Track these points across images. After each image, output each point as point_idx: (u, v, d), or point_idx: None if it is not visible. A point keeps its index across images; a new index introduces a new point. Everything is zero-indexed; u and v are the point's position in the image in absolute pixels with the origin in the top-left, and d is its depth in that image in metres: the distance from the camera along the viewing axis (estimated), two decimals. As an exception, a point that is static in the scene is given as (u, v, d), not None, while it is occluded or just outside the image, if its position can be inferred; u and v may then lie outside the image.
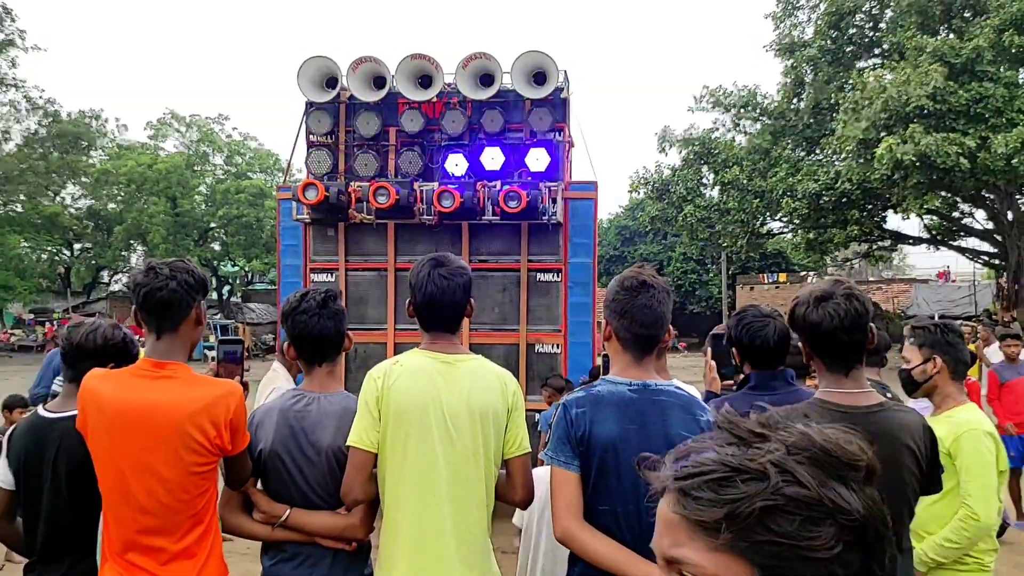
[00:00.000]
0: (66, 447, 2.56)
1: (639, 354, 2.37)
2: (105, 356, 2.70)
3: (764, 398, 2.84)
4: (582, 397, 2.34)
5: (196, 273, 2.48)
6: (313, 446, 2.56)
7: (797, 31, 22.69)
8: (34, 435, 2.64)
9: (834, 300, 2.25)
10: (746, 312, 3.01)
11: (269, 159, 42.07)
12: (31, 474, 2.62)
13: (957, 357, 3.12)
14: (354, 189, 6.54)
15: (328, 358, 2.69)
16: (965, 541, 2.94)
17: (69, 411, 2.59)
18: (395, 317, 6.75)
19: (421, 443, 2.44)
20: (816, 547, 0.76)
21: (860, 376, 2.32)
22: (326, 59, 6.74)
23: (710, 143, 22.78)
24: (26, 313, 40.51)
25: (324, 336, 2.66)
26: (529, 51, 6.47)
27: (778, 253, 38.31)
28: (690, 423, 2.30)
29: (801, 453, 0.80)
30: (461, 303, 2.56)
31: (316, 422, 2.59)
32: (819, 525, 0.76)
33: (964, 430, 2.97)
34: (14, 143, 33.09)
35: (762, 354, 2.90)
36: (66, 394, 2.71)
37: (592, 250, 6.87)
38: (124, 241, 38.82)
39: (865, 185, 18.86)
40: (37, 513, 2.64)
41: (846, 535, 0.77)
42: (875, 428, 2.23)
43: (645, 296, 2.33)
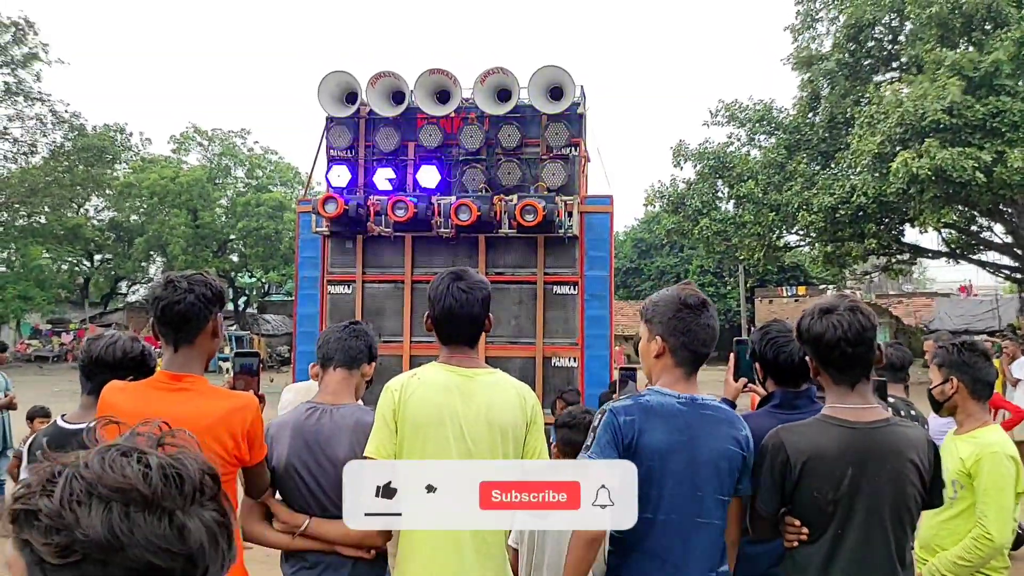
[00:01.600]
0: None
1: (691, 369, 2.46)
2: (123, 368, 2.75)
3: (787, 416, 2.85)
4: (631, 406, 2.39)
5: (214, 285, 2.53)
6: (329, 459, 2.62)
7: (816, 44, 22.69)
8: (54, 446, 2.69)
9: (837, 312, 2.31)
10: (771, 327, 3.01)
11: (289, 172, 42.46)
12: None
13: (976, 377, 3.13)
14: (373, 203, 6.64)
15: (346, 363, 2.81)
16: (977, 560, 2.96)
17: (88, 422, 2.65)
18: (411, 329, 6.81)
19: (437, 455, 2.47)
20: (49, 553, 0.87)
21: (866, 391, 2.36)
22: (346, 74, 6.84)
23: (725, 157, 22.76)
24: (43, 324, 40.91)
25: (338, 346, 2.82)
26: (546, 66, 6.54)
27: (796, 266, 38.15)
28: (734, 438, 2.39)
29: (84, 479, 0.91)
30: (479, 317, 2.60)
31: (330, 435, 2.65)
32: (56, 535, 0.87)
33: (986, 452, 3.00)
34: (40, 156, 33.54)
35: (786, 370, 2.89)
36: (85, 405, 2.78)
37: (608, 263, 6.92)
38: (144, 252, 39.27)
39: (881, 199, 18.79)
40: None
41: (87, 549, 0.87)
42: (880, 443, 2.27)
43: (706, 316, 2.44)
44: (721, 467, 2.34)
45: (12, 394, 7.37)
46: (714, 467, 2.33)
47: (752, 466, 2.46)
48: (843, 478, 2.27)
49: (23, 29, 30.82)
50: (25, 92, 31.98)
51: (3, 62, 31.25)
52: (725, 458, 2.35)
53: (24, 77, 31.79)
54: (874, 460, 2.26)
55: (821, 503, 2.31)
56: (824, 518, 2.32)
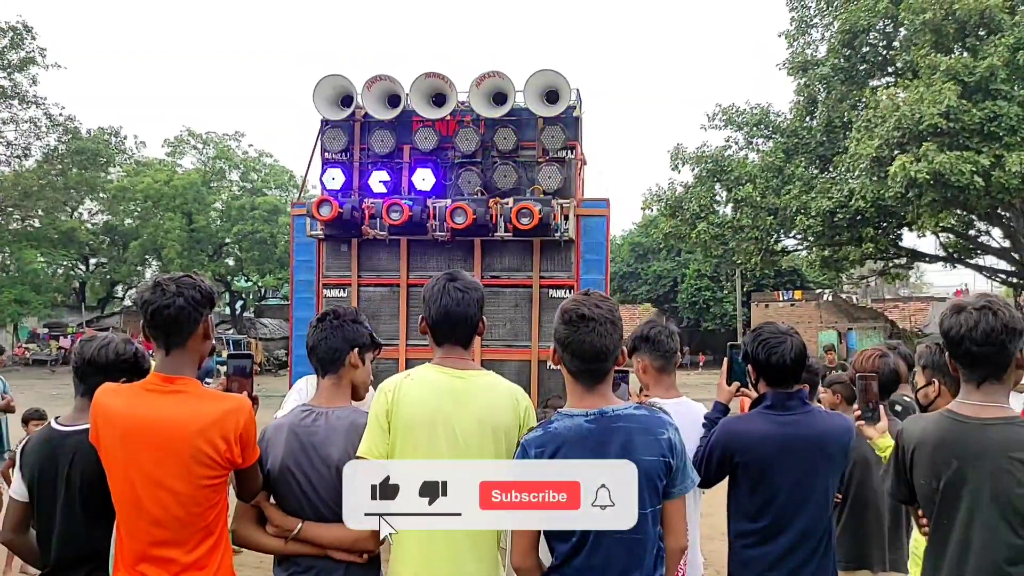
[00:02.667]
0: (79, 460, 2.60)
1: (590, 384, 2.38)
2: (116, 371, 2.74)
3: (779, 417, 2.85)
4: (540, 436, 2.35)
5: (203, 287, 2.52)
6: (323, 461, 2.60)
7: (810, 49, 22.73)
8: (48, 448, 2.68)
9: (967, 311, 2.31)
10: (763, 329, 3.03)
11: (284, 175, 42.44)
12: (45, 487, 2.66)
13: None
14: (368, 206, 6.60)
15: (328, 370, 2.76)
16: None
17: (82, 424, 2.62)
18: (407, 333, 6.79)
19: (429, 456, 2.46)
20: None
21: (994, 391, 2.33)
22: (341, 78, 6.82)
23: (723, 161, 22.79)
24: (40, 328, 40.86)
25: (313, 349, 2.77)
26: (542, 70, 6.53)
27: (793, 270, 38.20)
28: (652, 444, 2.31)
29: None
30: (474, 318, 2.61)
31: (325, 438, 2.63)
32: None
33: None
34: (34, 159, 33.51)
35: (778, 372, 2.91)
36: (78, 407, 2.75)
37: (604, 267, 6.90)
38: (139, 256, 39.22)
39: (879, 203, 18.82)
40: (51, 525, 2.66)
41: None
42: (988, 439, 2.25)
43: (585, 330, 2.33)
44: (640, 481, 2.27)
45: (9, 397, 7.33)
46: None
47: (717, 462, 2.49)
48: (946, 468, 2.28)
49: (20, 33, 30.79)
50: (20, 95, 31.93)
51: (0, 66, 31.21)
52: (642, 471, 2.27)
53: (20, 81, 31.76)
54: (979, 455, 2.25)
55: (926, 491, 2.35)
56: (931, 507, 2.35)
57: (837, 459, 2.89)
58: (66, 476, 2.61)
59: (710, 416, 3.10)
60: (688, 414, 3.14)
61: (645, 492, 2.28)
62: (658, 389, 3.30)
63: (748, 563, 2.85)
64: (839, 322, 34.62)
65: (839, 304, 37.74)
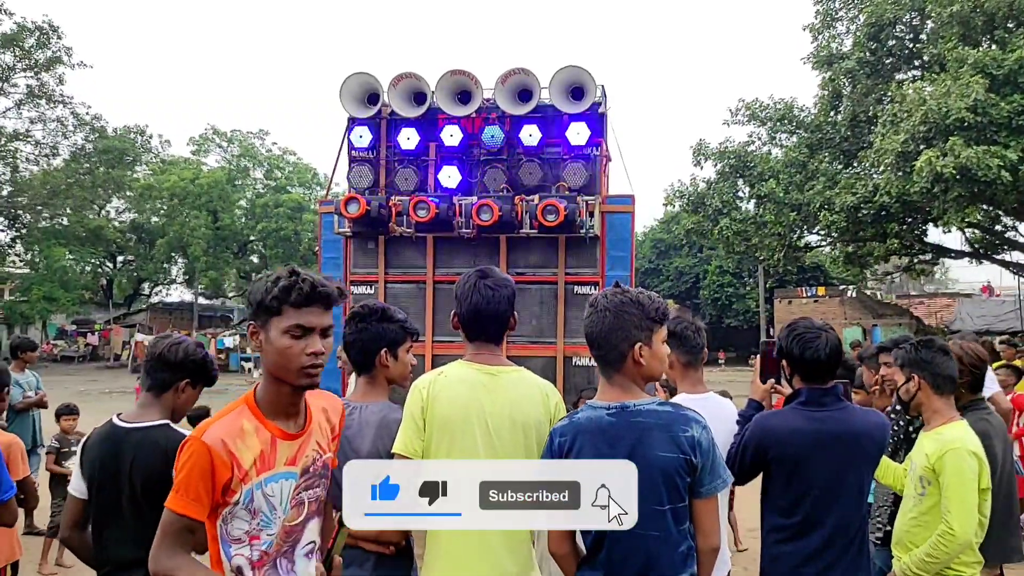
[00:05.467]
0: (142, 457, 2.65)
1: (606, 374, 2.42)
2: (183, 370, 2.82)
3: (814, 414, 2.84)
4: (565, 425, 2.39)
5: None
6: (355, 453, 2.68)
7: (836, 43, 22.50)
8: (109, 445, 2.73)
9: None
10: (798, 324, 3.04)
11: (308, 173, 42.69)
12: (106, 483, 2.70)
13: (936, 372, 3.18)
14: (395, 203, 6.66)
15: (359, 370, 2.82)
16: (943, 556, 3.00)
17: (145, 421, 2.71)
18: (433, 329, 6.83)
19: (464, 453, 2.51)
20: None
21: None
22: (368, 76, 6.87)
23: (746, 156, 22.63)
24: (68, 324, 41.36)
25: (346, 347, 2.86)
26: (567, 66, 6.54)
27: (817, 267, 37.90)
28: (670, 441, 2.30)
29: None
30: (505, 314, 2.65)
31: (357, 431, 2.73)
32: None
33: (948, 448, 3.04)
34: (62, 158, 33.91)
35: (813, 367, 2.91)
36: (143, 403, 2.82)
37: (629, 263, 6.90)
38: (166, 254, 39.62)
39: (904, 198, 18.59)
40: (110, 523, 2.70)
41: None
42: None
43: (590, 319, 2.48)
44: (655, 478, 2.27)
45: (42, 392, 7.44)
46: (646, 479, 2.25)
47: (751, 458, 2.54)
48: None
49: (47, 33, 31.16)
50: (48, 95, 32.32)
51: (27, 65, 31.61)
52: (657, 468, 2.27)
53: (47, 80, 32.15)
54: None
55: None
56: None
57: (872, 455, 2.89)
58: (129, 473, 2.66)
59: (744, 413, 3.11)
60: (714, 409, 3.14)
61: (662, 489, 2.28)
62: (685, 384, 3.31)
63: (780, 558, 2.86)
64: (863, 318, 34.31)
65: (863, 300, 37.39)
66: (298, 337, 2.05)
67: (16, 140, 32.95)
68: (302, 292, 2.07)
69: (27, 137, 33.13)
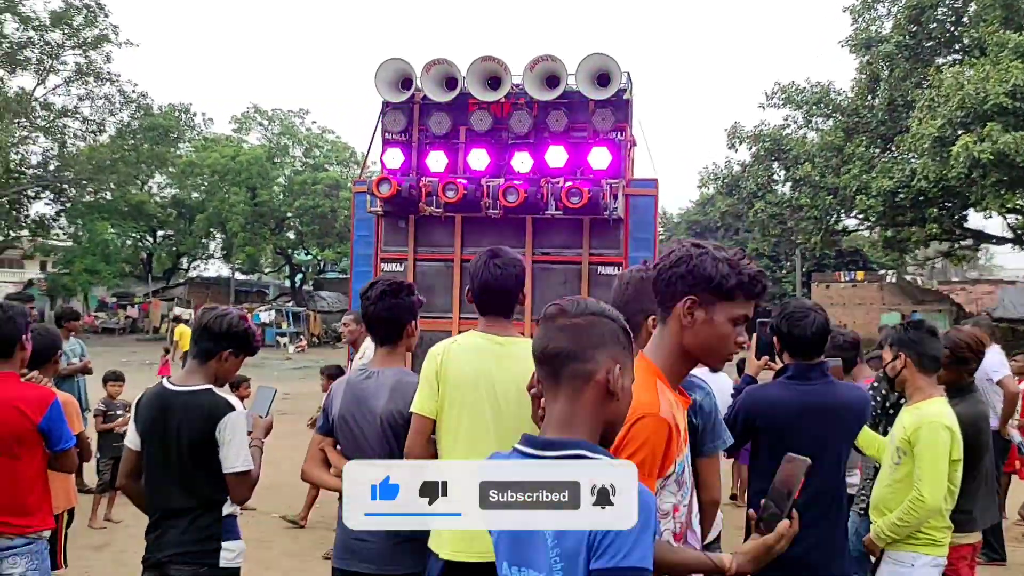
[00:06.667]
0: (187, 418, 2.94)
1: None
2: (226, 340, 3.07)
3: (799, 386, 3.08)
4: None
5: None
6: (371, 412, 2.97)
7: (875, 26, 22.24)
8: (159, 404, 3.02)
9: None
10: (789, 303, 3.30)
11: (345, 152, 43.05)
12: (156, 439, 2.99)
13: (921, 352, 3.37)
14: (425, 184, 6.87)
15: (384, 340, 3.10)
16: (913, 520, 3.21)
17: (191, 386, 2.99)
18: (460, 306, 7.05)
19: (473, 413, 2.78)
20: None
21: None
22: (402, 61, 7.07)
23: (781, 139, 22.53)
24: (109, 297, 42.35)
25: (377, 321, 3.08)
26: (593, 54, 6.69)
27: (856, 251, 37.52)
28: None
29: None
30: (511, 291, 2.90)
31: (373, 392, 3.01)
32: None
33: (924, 422, 3.23)
34: (108, 135, 34.63)
35: (800, 344, 3.13)
36: (189, 369, 3.10)
37: (652, 245, 7.05)
38: (204, 229, 40.34)
39: (943, 183, 18.44)
40: (160, 473, 3.00)
41: None
42: None
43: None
44: None
45: (87, 359, 7.83)
46: None
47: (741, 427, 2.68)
48: None
49: (94, 11, 31.80)
50: (95, 72, 33.01)
51: (75, 43, 32.30)
52: None
53: (95, 58, 32.84)
54: None
55: None
56: None
57: (852, 427, 3.12)
58: (176, 431, 2.95)
59: (738, 386, 3.33)
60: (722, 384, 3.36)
61: None
62: None
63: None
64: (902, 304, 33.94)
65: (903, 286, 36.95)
66: (736, 326, 2.05)
67: (64, 116, 33.74)
68: (758, 286, 2.08)
69: (75, 114, 33.90)
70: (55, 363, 4.10)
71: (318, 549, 6.45)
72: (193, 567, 2.89)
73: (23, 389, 3.26)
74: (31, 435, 3.18)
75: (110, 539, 6.77)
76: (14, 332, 3.23)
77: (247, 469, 2.93)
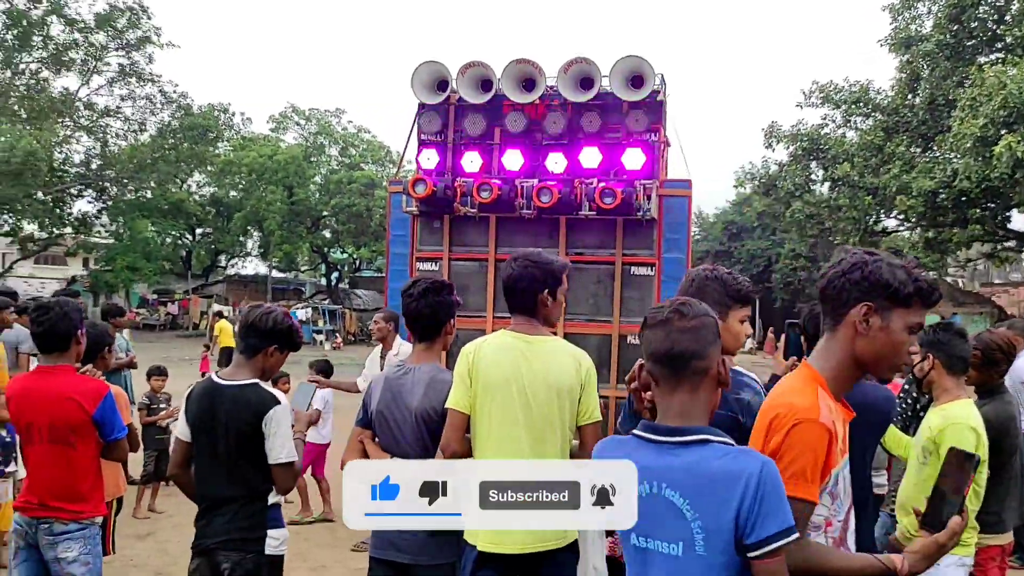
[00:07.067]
0: (234, 411, 3.08)
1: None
2: (271, 337, 3.20)
3: None
4: None
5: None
6: (407, 408, 3.10)
7: (915, 24, 21.92)
8: (208, 397, 3.16)
9: None
10: (816, 306, 3.29)
11: (381, 151, 43.40)
12: (204, 430, 3.13)
13: (950, 353, 3.40)
14: (460, 184, 6.97)
15: (423, 337, 3.21)
16: None
17: (238, 380, 3.13)
18: (494, 305, 7.15)
19: (503, 409, 2.89)
20: None
21: None
22: (437, 64, 7.18)
23: (819, 139, 22.29)
24: (150, 294, 43.13)
25: (418, 317, 3.19)
26: (627, 56, 6.74)
27: (895, 252, 37.01)
28: (722, 401, 2.51)
29: None
30: (527, 290, 2.99)
31: (409, 389, 3.13)
32: None
33: (950, 423, 3.26)
34: (148, 134, 35.32)
35: None
36: (237, 363, 3.24)
37: (686, 246, 7.08)
38: (242, 227, 40.93)
39: (985, 184, 18.12)
40: (209, 463, 3.14)
41: None
42: None
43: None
44: None
45: (133, 354, 8.06)
46: None
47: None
48: None
49: (137, 13, 32.45)
50: (138, 73, 33.69)
51: (119, 45, 33.00)
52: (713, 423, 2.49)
53: (137, 59, 33.51)
54: None
55: None
56: None
57: (877, 424, 3.15)
58: (224, 423, 3.09)
59: (766, 386, 3.37)
60: None
61: None
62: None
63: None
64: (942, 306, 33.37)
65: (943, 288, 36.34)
66: (911, 334, 2.02)
67: (107, 116, 34.50)
68: (935, 294, 2.06)
69: (117, 113, 34.66)
70: (106, 357, 4.26)
71: (352, 540, 6.60)
72: (240, 553, 3.02)
73: (79, 381, 3.42)
74: (86, 425, 3.35)
75: (153, 528, 6.98)
76: (70, 327, 3.40)
77: (291, 460, 3.06)
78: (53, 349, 3.41)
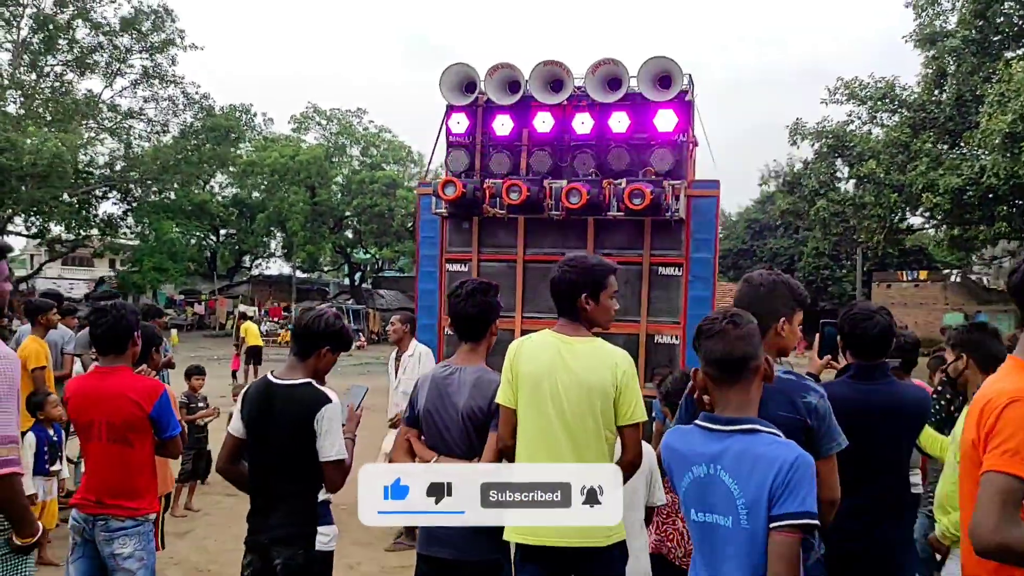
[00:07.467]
0: (288, 408, 3.18)
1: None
2: (323, 339, 3.30)
3: (860, 385, 3.18)
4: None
5: None
6: (454, 407, 3.19)
7: (940, 21, 21.73)
8: (264, 396, 3.26)
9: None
10: (854, 305, 3.38)
11: (402, 151, 43.57)
12: (260, 427, 3.23)
13: (984, 352, 3.42)
14: (488, 186, 7.02)
15: (470, 337, 3.28)
16: None
17: (292, 379, 3.23)
18: (523, 306, 7.20)
19: (537, 404, 3.00)
20: None
21: None
22: (465, 66, 7.25)
23: (844, 136, 22.14)
24: (176, 294, 43.58)
25: (465, 317, 3.27)
26: (655, 57, 6.77)
27: (919, 249, 36.68)
28: (788, 405, 2.57)
29: None
30: (565, 293, 3.10)
31: (456, 389, 3.21)
32: None
33: None
34: (171, 135, 35.64)
35: (862, 344, 3.22)
36: (291, 365, 3.33)
37: (713, 246, 7.10)
38: (265, 228, 41.23)
39: (1013, 180, 17.95)
40: (264, 459, 3.24)
41: None
42: None
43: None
44: None
45: (170, 354, 8.22)
46: None
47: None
48: None
49: (162, 17, 32.82)
50: (161, 75, 34.04)
51: (143, 47, 33.37)
52: (776, 426, 2.45)
53: (160, 61, 33.86)
54: None
55: None
56: None
57: (912, 424, 3.19)
58: (278, 421, 3.19)
59: None
60: None
61: None
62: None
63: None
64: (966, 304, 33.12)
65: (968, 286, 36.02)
66: None
67: (130, 118, 34.85)
68: None
69: (140, 115, 34.99)
70: (154, 356, 4.38)
71: (386, 540, 6.68)
72: (292, 548, 3.11)
73: (136, 381, 3.54)
74: (143, 423, 3.46)
75: (191, 526, 7.10)
76: (128, 330, 3.52)
77: (341, 458, 3.14)
78: (111, 351, 3.53)
